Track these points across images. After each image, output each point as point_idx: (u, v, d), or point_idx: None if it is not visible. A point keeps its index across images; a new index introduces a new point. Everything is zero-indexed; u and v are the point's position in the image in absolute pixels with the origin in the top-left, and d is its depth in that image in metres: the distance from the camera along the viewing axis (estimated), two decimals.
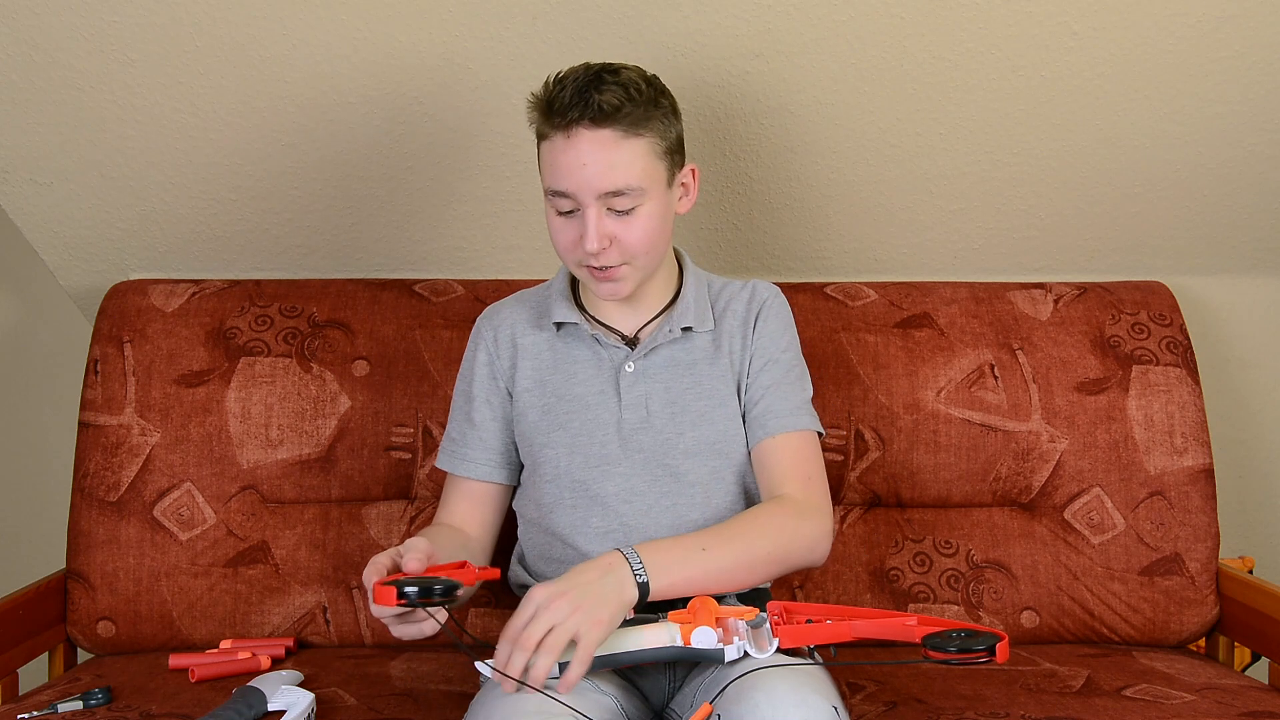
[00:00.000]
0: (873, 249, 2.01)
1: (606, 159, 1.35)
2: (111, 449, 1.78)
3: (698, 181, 1.49)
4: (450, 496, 1.55)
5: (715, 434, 1.47)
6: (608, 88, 1.36)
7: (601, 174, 1.36)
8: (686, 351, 1.50)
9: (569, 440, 1.48)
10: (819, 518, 1.44)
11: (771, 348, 1.52)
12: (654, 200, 1.40)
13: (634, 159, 1.37)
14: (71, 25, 1.64)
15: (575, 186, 1.37)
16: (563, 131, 1.36)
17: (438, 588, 1.19)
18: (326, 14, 1.65)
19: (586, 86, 1.36)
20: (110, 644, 1.76)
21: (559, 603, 1.22)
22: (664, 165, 1.41)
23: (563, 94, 1.37)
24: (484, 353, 1.55)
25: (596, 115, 1.35)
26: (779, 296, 1.56)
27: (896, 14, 1.67)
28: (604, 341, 1.49)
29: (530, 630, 1.21)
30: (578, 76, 1.38)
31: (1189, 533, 1.80)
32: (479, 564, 1.49)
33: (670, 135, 1.41)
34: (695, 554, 1.34)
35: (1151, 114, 1.81)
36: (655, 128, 1.39)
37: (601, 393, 1.48)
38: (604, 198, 1.37)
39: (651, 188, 1.39)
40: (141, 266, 1.99)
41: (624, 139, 1.36)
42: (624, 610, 1.27)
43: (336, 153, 1.83)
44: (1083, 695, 1.55)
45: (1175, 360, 1.85)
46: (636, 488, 1.45)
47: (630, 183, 1.36)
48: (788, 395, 1.50)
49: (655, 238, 1.41)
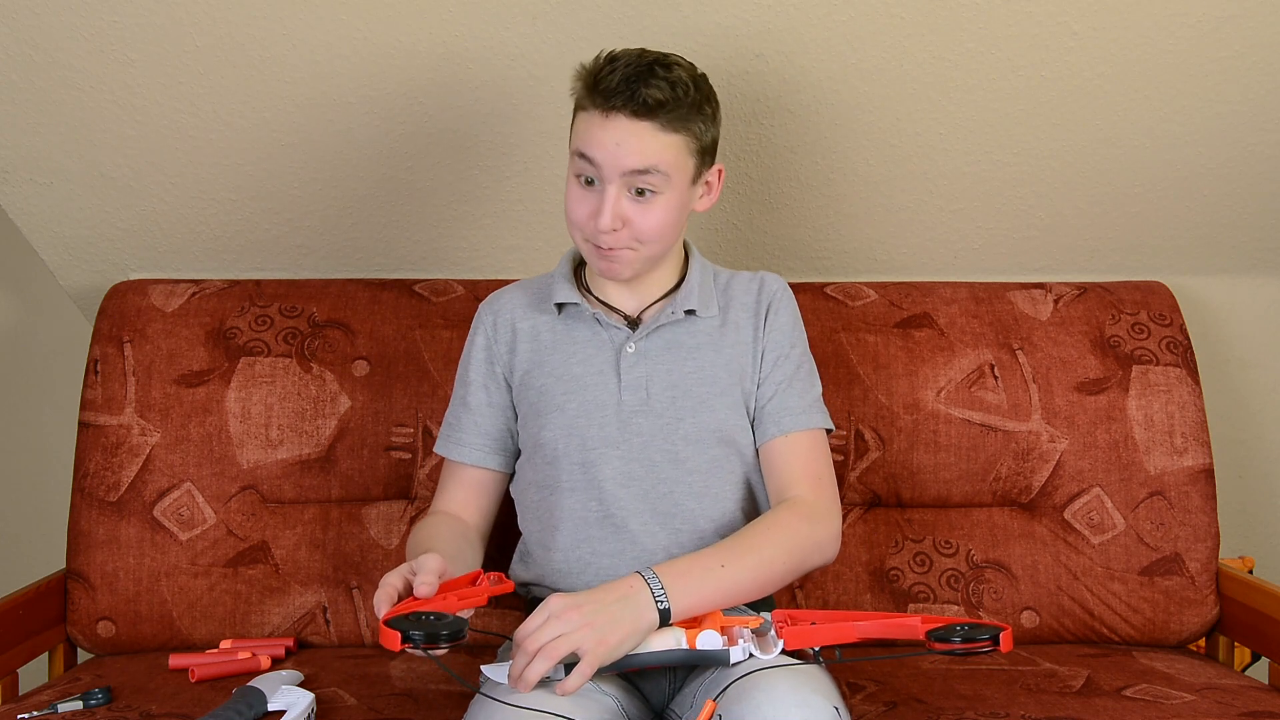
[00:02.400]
0: (873, 249, 2.01)
1: (640, 145, 1.36)
2: (111, 449, 1.78)
3: (721, 182, 1.50)
4: (447, 482, 1.55)
5: (716, 421, 1.46)
6: (656, 83, 1.36)
7: (632, 155, 1.37)
8: (690, 335, 1.49)
9: (567, 422, 1.47)
10: (830, 520, 1.44)
11: (783, 343, 1.51)
12: (675, 191, 1.40)
13: (666, 149, 1.38)
14: (71, 25, 1.64)
15: (602, 158, 1.37)
16: (602, 111, 1.37)
17: (444, 633, 1.15)
18: (326, 14, 1.65)
19: (636, 77, 1.36)
20: (110, 644, 1.76)
21: (572, 614, 1.23)
22: (694, 162, 1.42)
23: (611, 76, 1.36)
24: (483, 338, 1.55)
25: (639, 108, 1.35)
26: (787, 290, 1.56)
27: (896, 14, 1.67)
28: (605, 321, 1.49)
29: (537, 635, 1.22)
30: (630, 62, 1.38)
31: (1189, 533, 1.80)
32: (480, 557, 1.49)
33: (706, 137, 1.42)
34: (715, 572, 1.33)
35: (1151, 114, 1.81)
36: (693, 129, 1.40)
37: (601, 373, 1.47)
38: (627, 176, 1.37)
39: (676, 177, 1.40)
40: (141, 266, 1.99)
41: (660, 132, 1.37)
42: (639, 636, 1.26)
43: (336, 153, 1.83)
44: (1083, 695, 1.55)
45: (1175, 360, 1.85)
46: (635, 472, 1.44)
47: (657, 164, 1.37)
48: (800, 392, 1.50)
49: (668, 228, 1.42)
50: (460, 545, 1.44)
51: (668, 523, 1.44)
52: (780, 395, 1.49)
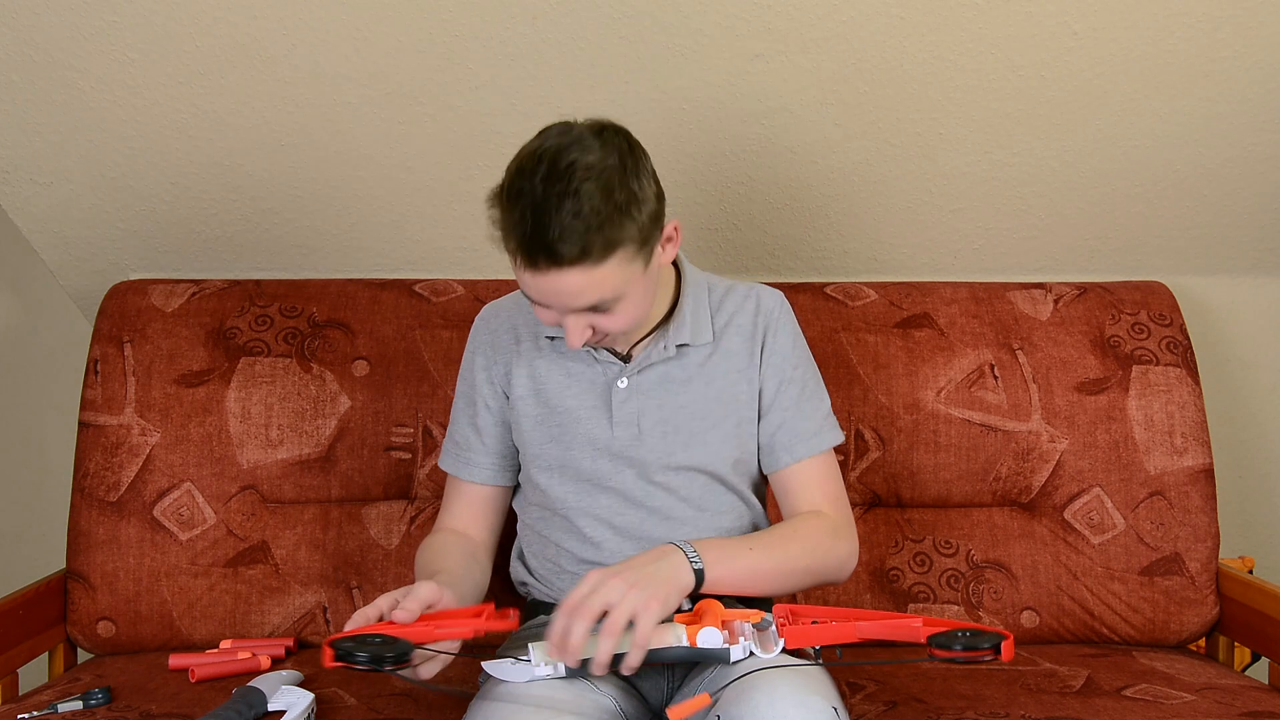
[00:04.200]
0: (873, 249, 2.01)
1: (579, 288, 1.28)
2: (111, 449, 1.78)
3: (680, 232, 1.40)
4: (453, 500, 1.55)
5: (708, 455, 1.46)
6: (569, 229, 1.24)
7: (575, 300, 1.29)
8: (681, 368, 1.47)
9: (560, 453, 1.47)
10: (850, 538, 1.47)
11: (785, 366, 1.49)
12: (634, 290, 1.33)
13: (608, 277, 1.28)
14: (71, 25, 1.64)
15: (550, 303, 1.32)
16: (528, 268, 1.28)
17: (389, 654, 1.13)
18: (326, 14, 1.65)
19: (545, 228, 1.24)
20: (110, 644, 1.76)
21: (614, 581, 1.23)
22: (642, 259, 1.32)
23: (522, 225, 1.26)
24: (481, 357, 1.54)
25: (560, 260, 1.25)
26: (784, 305, 1.53)
27: (896, 14, 1.67)
28: (598, 356, 1.47)
29: (589, 602, 1.21)
30: (535, 202, 1.25)
31: (1189, 533, 1.80)
32: (488, 574, 1.49)
33: (644, 228, 1.30)
34: (744, 551, 1.36)
35: (1151, 114, 1.81)
36: (626, 239, 1.28)
37: (594, 408, 1.46)
38: (580, 311, 1.32)
39: (630, 287, 1.32)
40: (141, 266, 1.99)
41: (594, 268, 1.27)
42: (680, 595, 1.27)
43: (336, 153, 1.83)
44: (1083, 695, 1.55)
45: (1175, 360, 1.85)
46: (629, 502, 1.45)
47: (606, 296, 1.30)
48: (809, 413, 1.49)
49: (639, 316, 1.37)
50: (469, 565, 1.43)
51: None
52: (790, 422, 1.48)
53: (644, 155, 1.34)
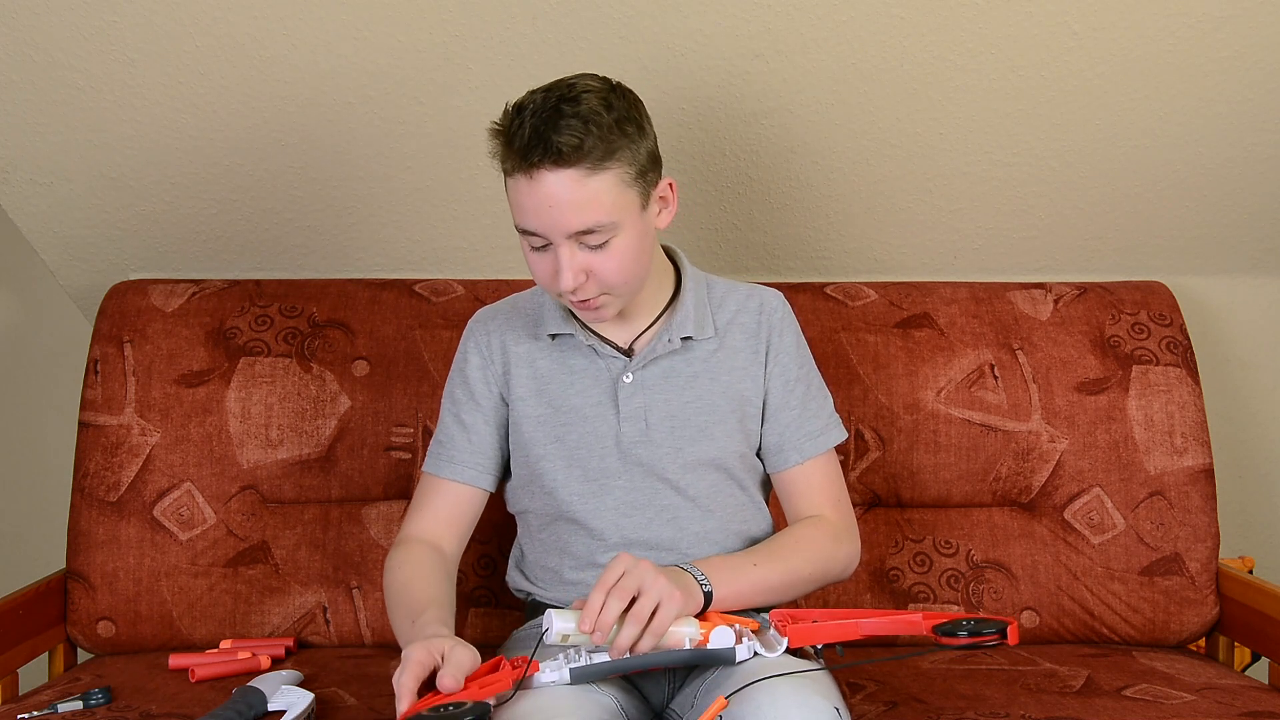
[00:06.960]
0: (873, 249, 2.01)
1: (573, 199, 1.30)
2: (111, 449, 1.78)
3: (676, 194, 1.43)
4: (426, 502, 1.49)
5: (716, 450, 1.46)
6: (566, 125, 1.29)
7: (569, 214, 1.30)
8: (687, 363, 1.47)
9: (567, 453, 1.46)
10: (852, 540, 1.49)
11: (790, 367, 1.50)
12: (628, 229, 1.34)
13: (601, 194, 1.31)
14: (71, 25, 1.64)
15: (543, 226, 1.33)
16: (525, 173, 1.31)
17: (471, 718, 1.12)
18: (326, 14, 1.65)
19: (544, 125, 1.29)
20: (110, 644, 1.76)
21: (646, 565, 1.26)
22: (636, 191, 1.34)
23: (521, 130, 1.30)
24: (477, 356, 1.51)
25: (557, 157, 1.28)
26: (786, 307, 1.53)
27: (896, 14, 1.67)
28: (601, 351, 1.46)
29: (624, 584, 1.24)
30: (536, 108, 1.31)
31: (1189, 533, 1.80)
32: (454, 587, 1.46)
33: (640, 157, 1.34)
34: (747, 569, 1.38)
35: (1151, 114, 1.81)
36: (622, 155, 1.32)
37: (599, 404, 1.46)
38: (575, 236, 1.33)
39: (624, 218, 1.33)
40: (141, 266, 1.99)
41: (589, 176, 1.30)
42: (694, 609, 1.30)
43: (336, 153, 1.83)
44: (1083, 695, 1.55)
45: (1175, 360, 1.85)
46: (636, 501, 1.45)
47: (600, 219, 1.31)
48: (814, 413, 1.50)
49: (633, 266, 1.37)
50: (450, 591, 1.41)
51: (670, 551, 1.44)
52: (796, 423, 1.49)
53: (646, 111, 1.39)
